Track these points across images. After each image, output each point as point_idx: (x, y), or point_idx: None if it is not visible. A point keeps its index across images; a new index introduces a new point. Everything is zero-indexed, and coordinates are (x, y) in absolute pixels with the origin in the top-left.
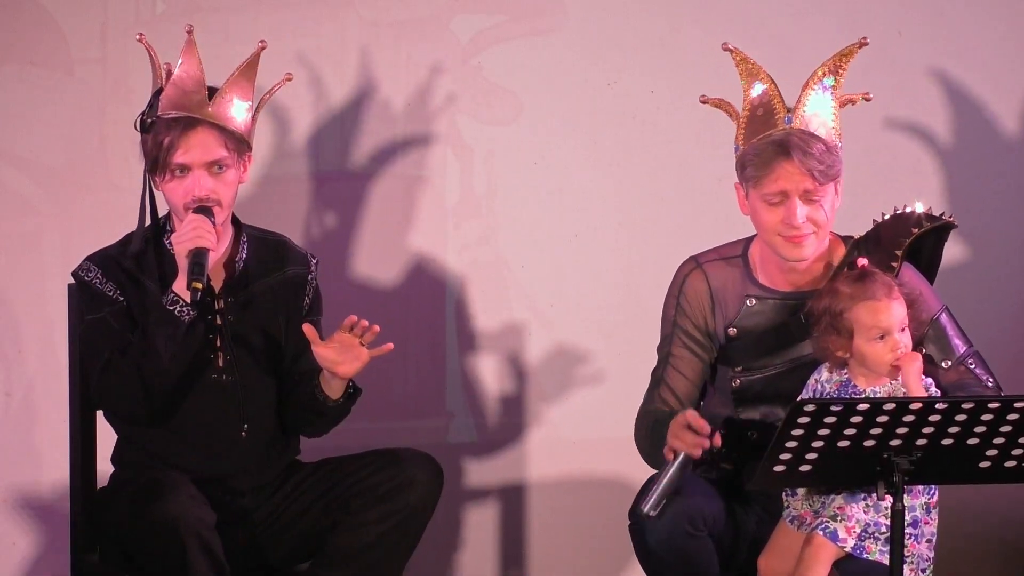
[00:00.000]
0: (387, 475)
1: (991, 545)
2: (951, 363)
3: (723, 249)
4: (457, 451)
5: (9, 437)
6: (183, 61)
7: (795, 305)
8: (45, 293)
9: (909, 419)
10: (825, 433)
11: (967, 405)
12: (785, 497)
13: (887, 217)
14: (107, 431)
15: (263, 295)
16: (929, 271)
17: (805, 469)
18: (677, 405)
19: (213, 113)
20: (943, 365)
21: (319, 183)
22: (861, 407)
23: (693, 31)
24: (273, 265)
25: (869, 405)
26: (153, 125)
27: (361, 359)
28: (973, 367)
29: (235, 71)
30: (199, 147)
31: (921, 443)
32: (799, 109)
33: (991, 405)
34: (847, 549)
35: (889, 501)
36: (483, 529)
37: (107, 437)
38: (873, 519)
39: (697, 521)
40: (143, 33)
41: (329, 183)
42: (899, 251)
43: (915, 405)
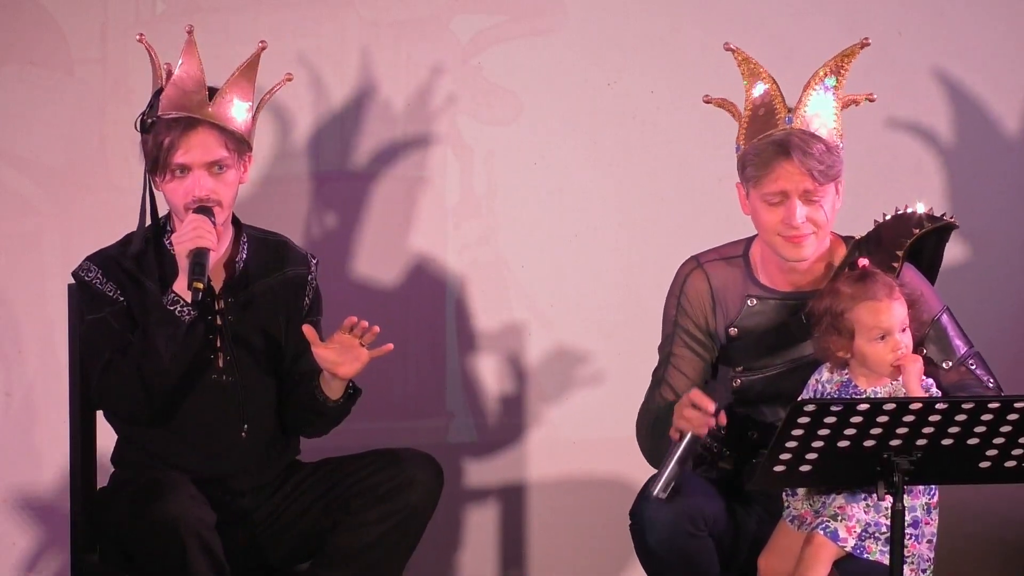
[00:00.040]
0: (387, 475)
1: (991, 545)
2: (952, 364)
3: (724, 249)
4: (457, 451)
5: (9, 437)
6: (183, 61)
7: (796, 305)
8: (45, 293)
9: (909, 419)
10: (825, 433)
11: (967, 405)
12: (785, 497)
13: (888, 217)
14: (107, 431)
15: (263, 295)
16: (930, 271)
17: (805, 469)
18: None
19: (213, 113)
20: (944, 366)
21: (319, 183)
22: (861, 407)
23: (693, 31)
24: (273, 265)
25: (869, 405)
26: (153, 125)
27: (361, 360)
28: (974, 368)
29: (235, 71)
30: (199, 147)
31: (921, 443)
32: (800, 109)
33: (991, 405)
34: (847, 549)
35: (889, 501)
36: (483, 529)
37: (107, 437)
38: (874, 519)
39: (698, 521)
40: (143, 33)
41: (329, 183)
42: (900, 251)
43: (915, 405)
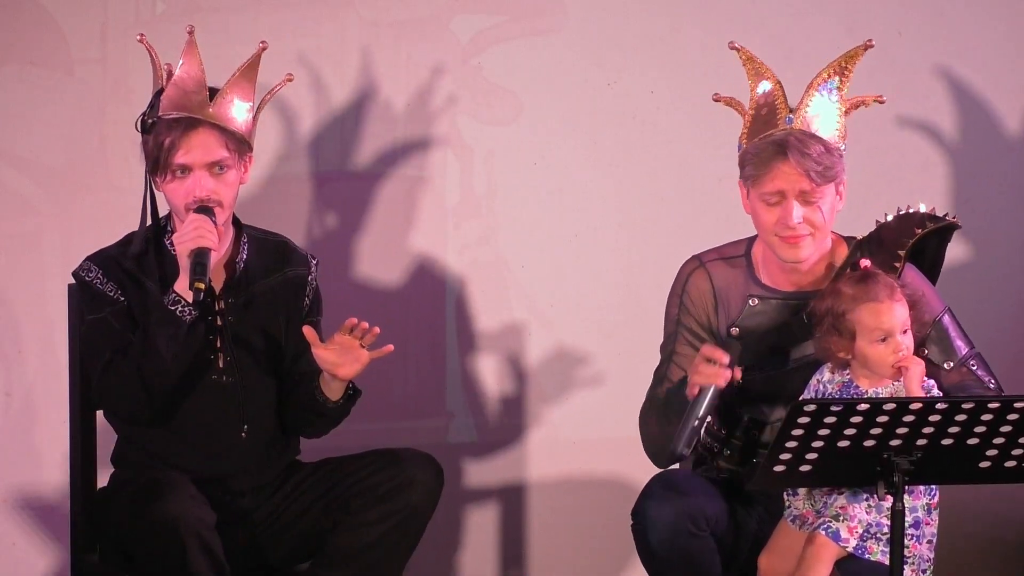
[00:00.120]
0: (387, 475)
1: (991, 545)
2: (953, 364)
3: (726, 249)
4: (457, 451)
5: (9, 437)
6: (184, 61)
7: (797, 305)
8: (45, 293)
9: (909, 419)
10: (825, 433)
11: (967, 405)
12: (787, 497)
13: (890, 218)
14: (107, 431)
15: (263, 296)
16: (932, 272)
17: (805, 469)
18: None
19: (214, 114)
20: (945, 366)
21: (320, 184)
22: (861, 407)
23: (693, 31)
24: (273, 266)
25: (869, 405)
26: (154, 126)
27: (361, 361)
28: (975, 368)
29: (236, 72)
30: (200, 148)
31: (921, 443)
32: (801, 109)
33: (991, 405)
34: (849, 549)
35: (891, 502)
36: (483, 529)
37: (107, 437)
38: (875, 519)
39: (699, 520)
40: (143, 33)
41: (330, 184)
42: (902, 252)
43: (915, 405)
